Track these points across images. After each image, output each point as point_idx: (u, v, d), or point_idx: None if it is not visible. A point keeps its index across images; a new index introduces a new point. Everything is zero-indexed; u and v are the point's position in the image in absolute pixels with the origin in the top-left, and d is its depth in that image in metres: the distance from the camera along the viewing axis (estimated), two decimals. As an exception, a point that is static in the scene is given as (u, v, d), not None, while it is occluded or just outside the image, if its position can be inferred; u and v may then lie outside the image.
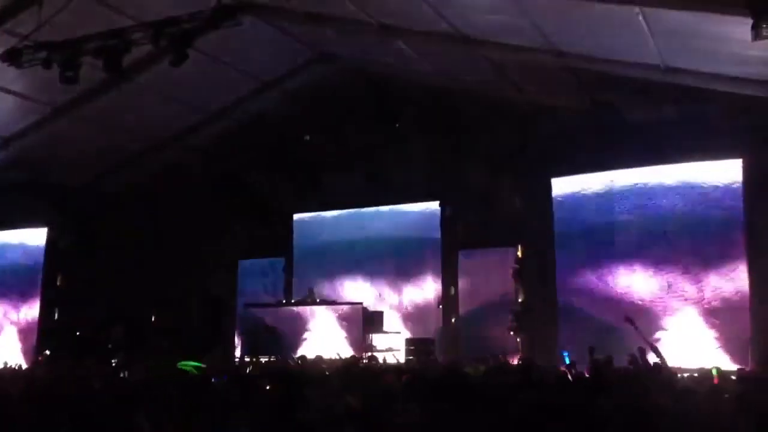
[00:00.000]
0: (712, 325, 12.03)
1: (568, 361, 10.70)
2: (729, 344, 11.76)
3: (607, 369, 9.96)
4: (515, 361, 12.78)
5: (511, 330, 13.66)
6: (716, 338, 11.91)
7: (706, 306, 12.20)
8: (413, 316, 15.00)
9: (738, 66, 8.86)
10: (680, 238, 12.48)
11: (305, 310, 14.87)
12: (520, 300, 13.67)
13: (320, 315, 14.81)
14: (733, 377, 10.27)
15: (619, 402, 6.98)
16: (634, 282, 12.72)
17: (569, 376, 9.49)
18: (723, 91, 9.70)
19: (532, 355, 12.68)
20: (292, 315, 14.95)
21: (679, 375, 10.24)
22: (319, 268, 15.81)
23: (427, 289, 15.03)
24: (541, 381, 8.26)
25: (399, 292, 15.27)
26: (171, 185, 15.56)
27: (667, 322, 12.26)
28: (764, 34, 6.54)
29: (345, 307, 14.68)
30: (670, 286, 12.46)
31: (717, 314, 12.04)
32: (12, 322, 16.44)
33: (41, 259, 16.36)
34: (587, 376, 9.32)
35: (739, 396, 7.28)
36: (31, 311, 16.24)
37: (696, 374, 10.27)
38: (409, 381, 8.44)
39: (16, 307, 16.48)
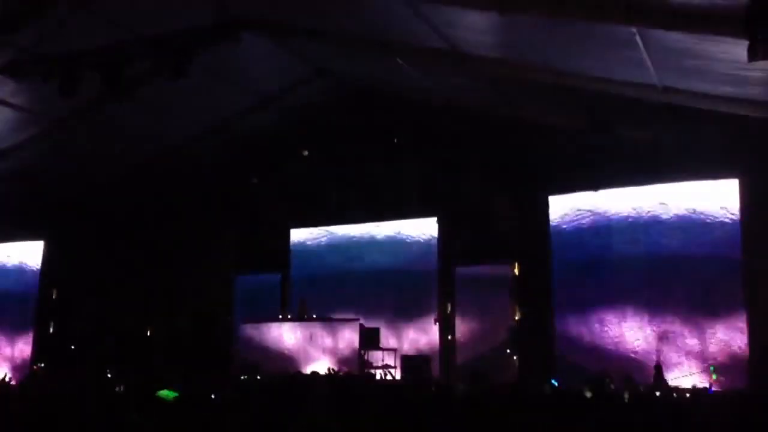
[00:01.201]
0: (718, 384, 11.13)
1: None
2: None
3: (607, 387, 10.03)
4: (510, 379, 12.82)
5: (507, 348, 13.65)
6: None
7: (710, 361, 11.34)
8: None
9: (735, 86, 8.88)
10: (680, 281, 11.72)
11: (301, 325, 14.82)
12: (516, 318, 13.66)
13: (316, 331, 14.76)
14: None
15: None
16: (626, 331, 12.06)
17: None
18: (720, 111, 9.72)
19: (528, 373, 12.67)
20: (288, 331, 14.89)
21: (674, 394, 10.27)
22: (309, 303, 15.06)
23: (430, 332, 14.48)
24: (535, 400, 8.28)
25: (398, 334, 14.69)
26: (167, 199, 15.58)
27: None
28: (760, 55, 6.56)
29: (341, 323, 14.61)
30: (667, 336, 11.76)
31: (723, 372, 11.13)
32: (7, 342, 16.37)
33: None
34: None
35: (736, 414, 7.29)
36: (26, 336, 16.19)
37: (689, 394, 10.29)
38: (404, 398, 8.44)
39: (11, 338, 16.37)
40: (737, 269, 11.40)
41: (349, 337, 14.40)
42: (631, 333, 12.10)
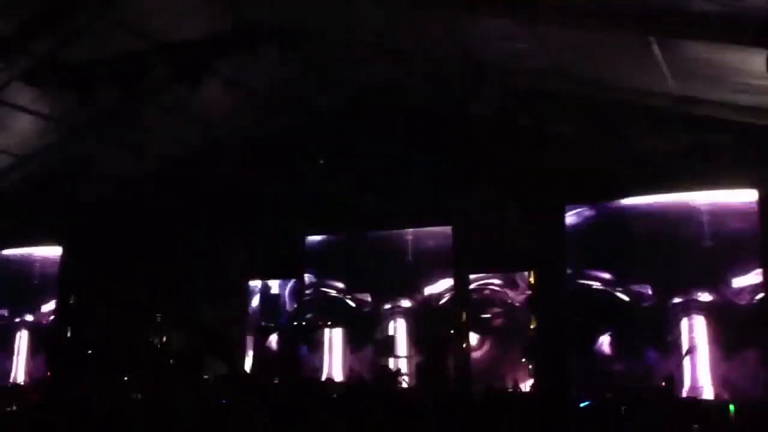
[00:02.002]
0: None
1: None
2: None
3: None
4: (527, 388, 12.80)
5: (523, 357, 13.60)
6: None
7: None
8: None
9: (752, 96, 8.83)
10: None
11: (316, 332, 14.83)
12: (532, 326, 13.59)
13: (331, 337, 14.77)
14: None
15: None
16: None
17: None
18: (738, 121, 9.66)
19: (543, 382, 12.62)
20: (303, 337, 14.90)
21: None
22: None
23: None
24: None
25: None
26: (183, 205, 15.64)
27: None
28: (778, 65, 6.53)
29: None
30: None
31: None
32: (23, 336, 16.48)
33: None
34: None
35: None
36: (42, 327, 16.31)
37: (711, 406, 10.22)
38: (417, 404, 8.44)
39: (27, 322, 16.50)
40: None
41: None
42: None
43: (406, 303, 14.88)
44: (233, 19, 10.31)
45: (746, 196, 11.72)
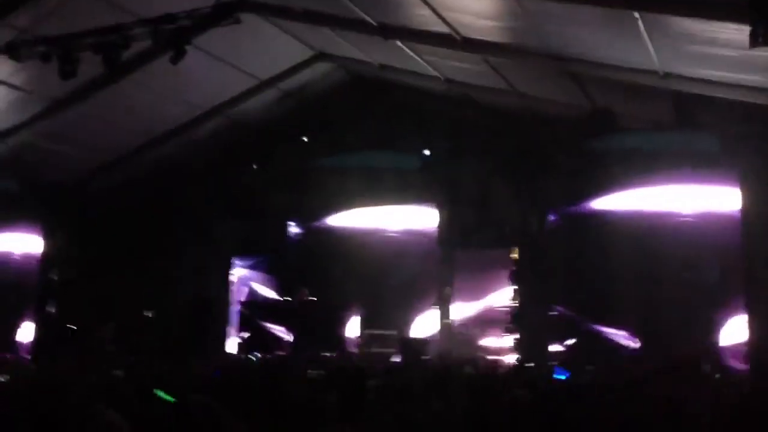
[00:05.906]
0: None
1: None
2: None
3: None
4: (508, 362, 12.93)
5: (506, 331, 13.72)
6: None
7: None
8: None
9: (736, 72, 8.86)
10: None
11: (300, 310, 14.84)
12: (515, 302, 13.70)
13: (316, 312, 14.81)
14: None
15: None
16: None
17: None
18: (721, 109, 9.70)
19: (525, 357, 12.74)
20: (289, 312, 14.90)
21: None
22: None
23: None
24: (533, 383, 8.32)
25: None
26: (164, 182, 15.53)
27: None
28: (761, 41, 6.53)
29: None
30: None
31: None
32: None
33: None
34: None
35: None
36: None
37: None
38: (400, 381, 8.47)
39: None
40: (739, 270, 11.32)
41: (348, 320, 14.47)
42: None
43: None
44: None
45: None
